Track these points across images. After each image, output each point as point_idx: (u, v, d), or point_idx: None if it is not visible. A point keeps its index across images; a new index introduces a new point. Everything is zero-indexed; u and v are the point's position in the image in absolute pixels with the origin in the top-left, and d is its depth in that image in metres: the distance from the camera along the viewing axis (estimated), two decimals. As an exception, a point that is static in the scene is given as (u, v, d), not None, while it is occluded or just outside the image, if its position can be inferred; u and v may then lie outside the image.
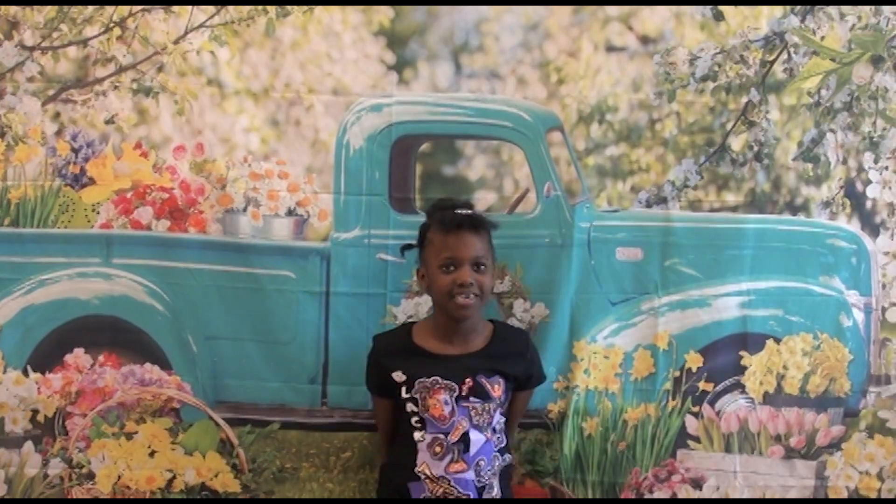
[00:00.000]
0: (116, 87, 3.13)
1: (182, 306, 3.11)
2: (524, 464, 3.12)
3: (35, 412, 3.08)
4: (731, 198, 3.23)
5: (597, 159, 3.29)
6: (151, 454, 3.04)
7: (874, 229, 3.17)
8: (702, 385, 3.11)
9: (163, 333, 3.11)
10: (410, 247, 2.89)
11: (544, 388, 3.03)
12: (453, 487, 2.72)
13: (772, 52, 3.15)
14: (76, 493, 3.04)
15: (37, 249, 3.11)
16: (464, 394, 2.74)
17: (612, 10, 3.25)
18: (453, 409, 2.74)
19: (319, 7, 3.15)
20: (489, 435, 2.77)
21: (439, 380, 2.75)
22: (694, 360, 3.11)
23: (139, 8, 3.10)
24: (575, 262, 3.13)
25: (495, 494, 2.77)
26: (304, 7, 3.13)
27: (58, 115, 3.14)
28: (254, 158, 3.17)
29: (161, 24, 3.12)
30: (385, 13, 3.20)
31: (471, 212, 2.84)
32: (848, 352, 3.11)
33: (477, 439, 2.74)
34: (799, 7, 3.11)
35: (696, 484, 3.12)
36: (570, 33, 3.25)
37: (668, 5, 3.21)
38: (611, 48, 3.26)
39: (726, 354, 3.12)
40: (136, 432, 3.06)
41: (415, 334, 2.84)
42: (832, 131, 3.15)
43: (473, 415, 2.75)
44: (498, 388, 2.77)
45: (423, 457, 2.74)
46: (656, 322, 3.13)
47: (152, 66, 3.13)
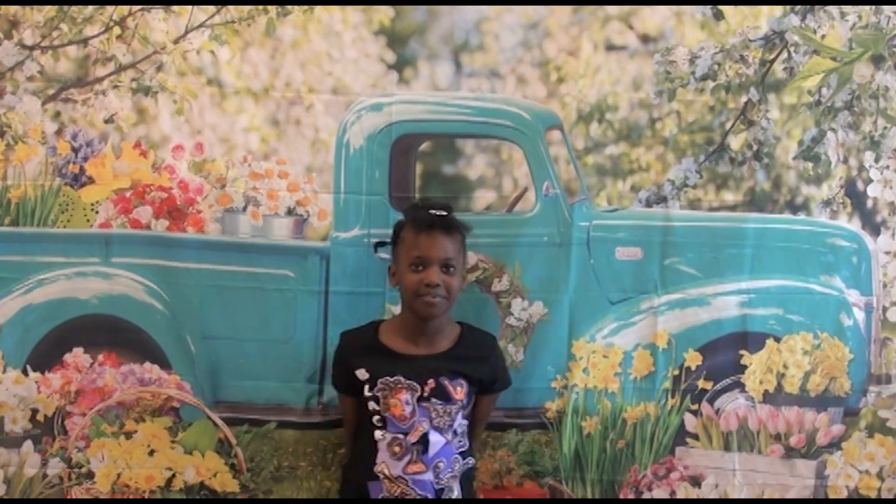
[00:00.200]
0: (116, 87, 3.13)
1: (181, 305, 3.11)
2: (523, 465, 3.11)
3: (34, 412, 3.07)
4: (730, 197, 3.22)
5: (596, 158, 3.29)
6: (151, 453, 3.04)
7: (875, 228, 3.17)
8: (701, 383, 3.11)
9: (162, 333, 3.11)
10: (384, 244, 2.89)
11: (543, 386, 3.02)
12: (411, 488, 2.70)
13: (772, 51, 3.14)
14: (75, 492, 3.04)
15: (36, 249, 3.10)
16: (425, 395, 2.72)
17: (612, 9, 3.24)
18: (414, 409, 2.72)
19: (319, 6, 3.15)
20: (450, 437, 2.74)
21: (402, 379, 2.73)
22: (693, 359, 3.10)
23: (139, 7, 3.10)
24: (574, 261, 3.12)
25: (455, 497, 2.75)
26: (305, 6, 3.13)
27: (58, 115, 3.14)
28: (253, 158, 3.17)
29: (161, 24, 3.12)
30: (385, 12, 3.20)
31: (445, 213, 2.81)
32: (848, 351, 3.11)
33: (436, 441, 2.72)
34: (799, 6, 3.11)
35: (695, 482, 3.11)
36: (570, 32, 3.25)
37: (668, 4, 3.21)
38: (611, 47, 3.26)
39: (726, 353, 3.12)
40: (136, 431, 3.06)
41: (381, 333, 2.83)
42: (833, 130, 3.14)
43: (434, 416, 2.72)
44: (461, 391, 2.75)
45: (383, 456, 2.72)
46: (656, 321, 3.12)
47: (152, 65, 3.13)
